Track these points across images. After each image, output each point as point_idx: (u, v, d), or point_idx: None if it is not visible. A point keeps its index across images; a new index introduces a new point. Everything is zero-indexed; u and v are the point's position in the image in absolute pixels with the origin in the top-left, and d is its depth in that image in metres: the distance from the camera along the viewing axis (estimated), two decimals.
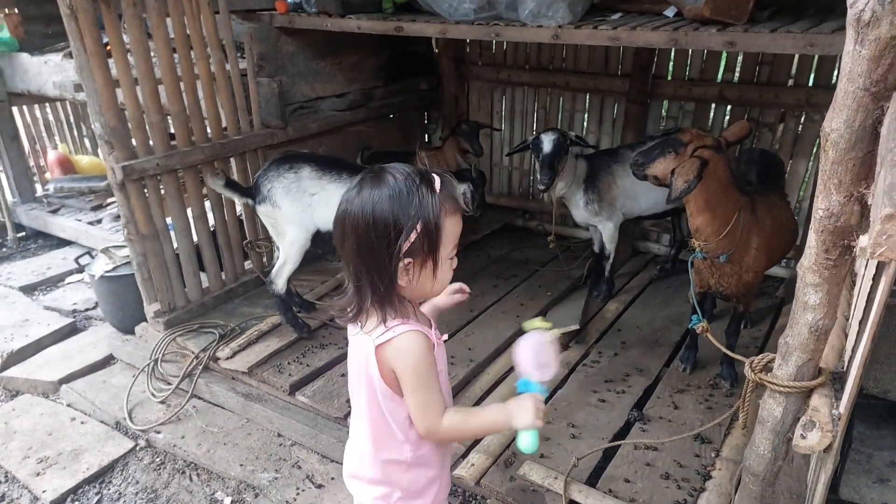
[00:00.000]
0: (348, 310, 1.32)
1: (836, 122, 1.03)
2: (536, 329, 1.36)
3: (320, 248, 3.17)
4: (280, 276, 3.02)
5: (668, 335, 3.25)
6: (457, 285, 1.57)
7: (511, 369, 2.97)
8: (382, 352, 1.28)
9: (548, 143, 3.09)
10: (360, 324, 1.34)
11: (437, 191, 1.24)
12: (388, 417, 1.35)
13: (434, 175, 1.26)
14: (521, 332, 1.38)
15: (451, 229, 1.27)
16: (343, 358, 3.02)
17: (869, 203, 1.00)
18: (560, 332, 3.19)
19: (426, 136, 4.89)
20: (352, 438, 1.48)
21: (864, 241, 0.80)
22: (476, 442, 2.47)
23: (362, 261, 1.25)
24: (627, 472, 2.32)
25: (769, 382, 1.45)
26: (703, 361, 2.94)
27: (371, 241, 1.22)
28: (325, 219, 2.98)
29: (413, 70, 4.46)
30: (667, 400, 2.73)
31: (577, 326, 3.13)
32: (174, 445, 2.64)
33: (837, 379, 1.45)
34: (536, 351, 1.32)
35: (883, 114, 0.97)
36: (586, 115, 4.23)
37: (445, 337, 1.40)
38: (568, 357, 3.06)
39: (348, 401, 2.67)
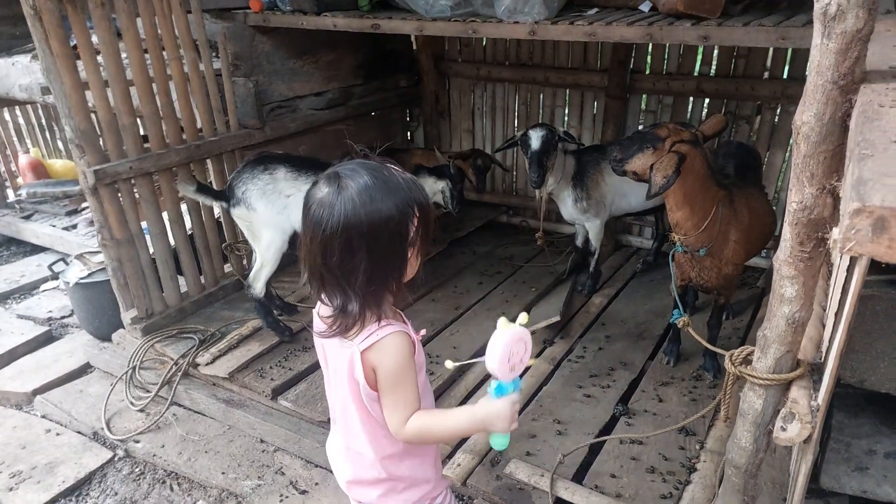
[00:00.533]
0: (340, 324, 1.24)
1: (807, 116, 1.02)
2: (506, 327, 1.25)
3: (298, 250, 3.13)
4: (258, 280, 2.98)
5: (651, 328, 3.27)
6: None
7: None
8: (367, 355, 1.25)
9: (536, 139, 3.04)
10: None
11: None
12: (375, 418, 1.33)
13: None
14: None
15: None
16: None
17: (840, 195, 1.00)
18: (543, 325, 3.18)
19: (408, 133, 4.86)
20: (340, 445, 1.44)
21: (836, 233, 0.80)
22: (462, 442, 2.46)
23: (379, 266, 1.18)
24: (613, 468, 2.32)
25: (749, 375, 1.46)
26: (687, 354, 2.96)
27: (388, 241, 1.17)
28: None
29: (392, 67, 4.43)
30: (651, 393, 2.74)
31: (558, 318, 3.12)
32: (154, 455, 2.60)
33: (816, 370, 1.46)
34: (510, 350, 1.22)
35: (851, 107, 0.97)
36: (566, 111, 4.23)
37: (423, 332, 1.37)
38: (553, 353, 3.06)
39: None
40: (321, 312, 1.34)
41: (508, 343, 1.21)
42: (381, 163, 1.23)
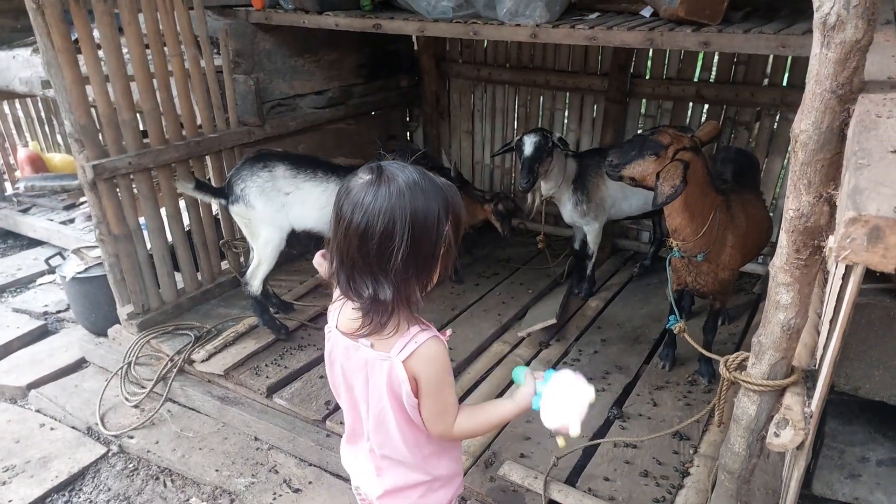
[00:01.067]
0: (372, 319, 1.23)
1: (805, 124, 1.03)
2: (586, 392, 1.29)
3: (295, 248, 3.13)
4: (255, 278, 2.98)
5: (647, 332, 3.27)
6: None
7: (491, 368, 2.96)
8: (408, 364, 1.25)
9: (529, 145, 3.06)
10: (366, 341, 1.28)
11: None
12: (417, 422, 1.34)
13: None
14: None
15: None
16: (322, 359, 2.94)
17: (837, 204, 1.00)
18: (539, 327, 3.18)
19: (408, 133, 4.87)
20: (370, 460, 1.42)
21: (832, 241, 0.81)
22: None
23: (414, 255, 1.18)
24: (607, 471, 2.33)
25: (743, 381, 1.46)
26: (682, 358, 2.97)
27: (425, 233, 1.17)
28: (300, 218, 2.95)
29: (393, 68, 4.43)
30: (646, 397, 2.75)
31: (554, 320, 3.13)
32: (148, 451, 2.59)
33: (810, 376, 1.47)
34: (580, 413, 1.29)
35: (849, 116, 0.97)
36: (566, 114, 4.24)
37: (449, 332, 1.38)
38: (548, 355, 3.06)
39: (327, 403, 2.66)
40: (347, 316, 1.30)
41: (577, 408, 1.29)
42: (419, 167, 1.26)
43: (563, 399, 1.29)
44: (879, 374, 1.56)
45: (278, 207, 2.90)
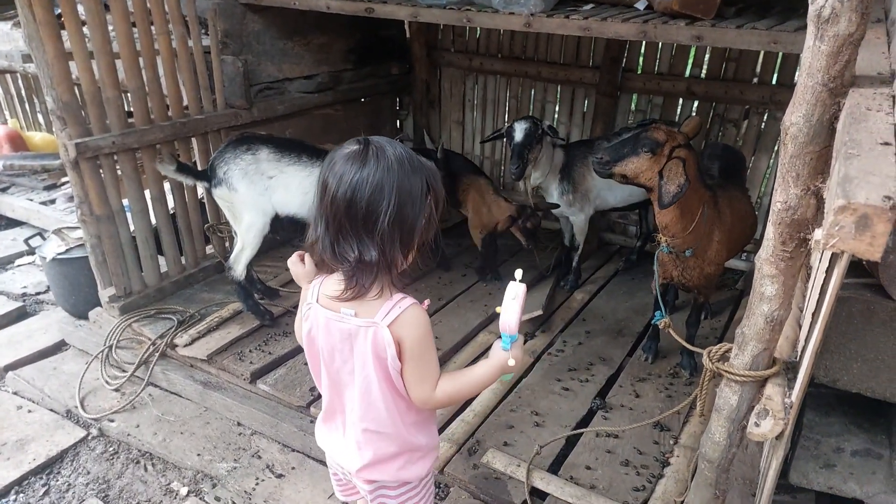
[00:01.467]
0: (357, 282, 1.28)
1: (796, 117, 1.04)
2: (514, 284, 1.36)
3: (279, 234, 3.10)
4: (239, 262, 2.95)
5: (631, 325, 3.30)
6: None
7: (477, 358, 2.97)
8: (393, 329, 1.29)
9: (519, 132, 3.06)
10: (349, 310, 1.31)
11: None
12: (399, 389, 1.37)
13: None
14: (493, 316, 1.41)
15: None
16: None
17: (824, 197, 1.01)
18: (525, 318, 3.20)
19: (397, 121, 4.84)
20: (351, 433, 1.44)
21: (818, 234, 0.81)
22: (440, 430, 2.46)
23: (398, 222, 1.23)
24: (589, 460, 2.35)
25: (726, 372, 1.48)
26: (665, 351, 3.00)
27: (409, 202, 1.23)
28: (283, 202, 2.91)
29: (384, 54, 4.39)
30: (628, 388, 2.78)
31: (540, 312, 3.14)
32: (128, 434, 2.57)
33: (791, 368, 1.49)
34: (521, 307, 1.35)
35: (839, 109, 0.98)
36: (557, 106, 4.24)
37: (428, 302, 1.42)
38: (534, 346, 3.08)
39: (311, 389, 2.65)
40: (329, 287, 1.34)
41: (522, 301, 1.34)
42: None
43: (509, 306, 1.35)
44: (857, 366, 1.59)
45: (261, 191, 2.86)
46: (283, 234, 3.12)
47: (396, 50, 4.49)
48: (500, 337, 1.41)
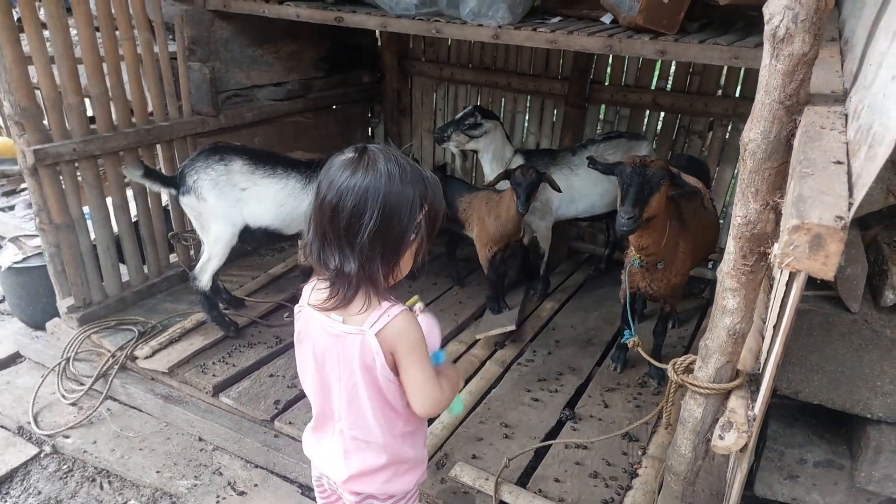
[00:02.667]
0: (338, 296, 1.26)
1: (754, 133, 1.05)
2: (414, 305, 1.42)
3: (249, 244, 3.04)
4: (204, 273, 2.88)
5: (600, 334, 3.32)
6: None
7: None
8: (382, 338, 1.27)
9: (461, 113, 3.35)
10: (338, 316, 1.29)
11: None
12: (388, 399, 1.35)
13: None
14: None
15: None
16: (272, 357, 2.92)
17: (783, 212, 1.02)
18: (497, 332, 3.21)
19: (369, 129, 4.81)
20: (339, 442, 1.42)
21: (777, 248, 0.82)
22: None
23: (381, 235, 1.21)
24: (557, 472, 2.34)
25: (690, 384, 1.49)
26: (633, 360, 3.02)
27: (395, 215, 1.21)
28: (256, 214, 2.86)
29: (356, 63, 4.38)
30: (597, 399, 2.78)
31: (513, 327, 3.15)
32: (84, 451, 2.47)
33: (754, 380, 1.50)
34: (437, 324, 1.40)
35: (796, 127, 0.99)
36: (527, 116, 4.27)
37: (419, 307, 1.43)
38: (503, 356, 3.07)
39: (276, 402, 2.60)
40: (319, 290, 1.33)
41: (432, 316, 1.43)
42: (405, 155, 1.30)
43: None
44: (818, 378, 1.62)
45: (232, 203, 2.81)
46: (254, 244, 3.07)
47: (368, 58, 4.48)
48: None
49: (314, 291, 1.35)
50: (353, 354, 1.29)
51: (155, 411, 2.69)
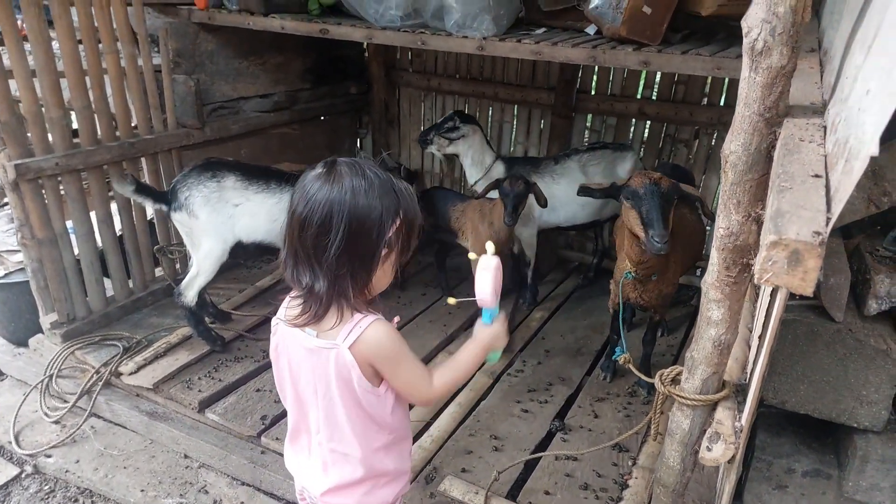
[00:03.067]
0: (310, 313, 1.25)
1: (735, 145, 1.05)
2: (490, 259, 1.36)
3: (242, 258, 3.03)
4: (191, 288, 2.85)
5: (590, 343, 3.32)
6: None
7: None
8: (356, 350, 1.26)
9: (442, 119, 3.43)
10: (311, 330, 1.28)
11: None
12: (367, 411, 1.33)
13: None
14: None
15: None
16: (259, 372, 2.88)
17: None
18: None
19: (358, 140, 4.80)
20: (317, 455, 1.41)
21: (756, 263, 0.82)
22: None
23: (349, 251, 1.19)
24: (548, 484, 2.33)
25: (677, 395, 1.48)
26: (622, 370, 3.01)
27: (363, 230, 1.19)
28: (249, 229, 2.85)
29: (342, 73, 4.37)
30: (587, 409, 2.77)
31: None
32: (66, 471, 2.43)
33: (741, 391, 1.50)
34: (495, 278, 1.35)
35: (776, 139, 1.00)
36: (514, 126, 4.28)
37: (397, 319, 1.41)
38: (493, 366, 3.05)
39: (263, 418, 2.57)
40: (289, 312, 1.32)
41: (496, 273, 1.35)
42: (382, 166, 1.28)
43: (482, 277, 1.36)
44: (804, 388, 1.62)
45: (224, 219, 2.80)
46: (247, 257, 3.05)
47: (354, 69, 4.48)
48: (480, 314, 1.41)
49: (288, 307, 1.34)
50: (329, 369, 1.28)
51: (140, 428, 2.64)
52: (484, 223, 3.15)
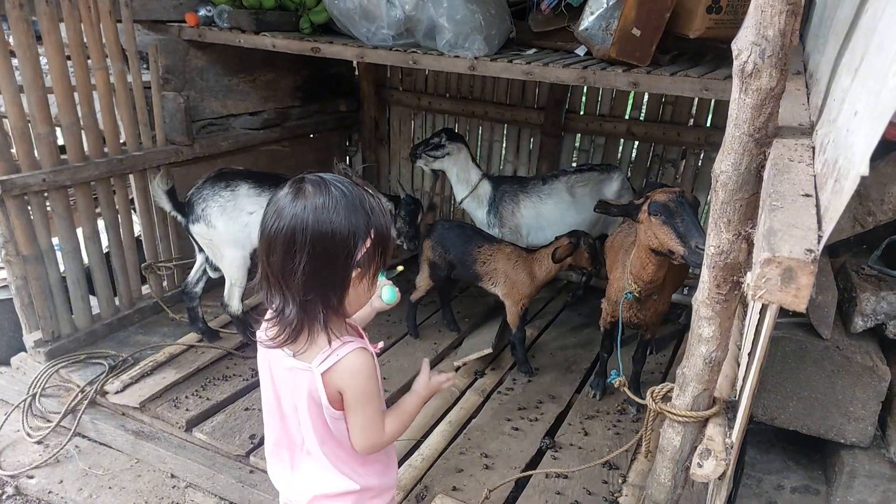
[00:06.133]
0: (283, 335, 1.23)
1: (725, 165, 1.07)
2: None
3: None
4: (233, 298, 2.98)
5: (579, 361, 3.32)
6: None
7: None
8: (328, 377, 1.24)
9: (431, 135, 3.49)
10: (289, 350, 1.27)
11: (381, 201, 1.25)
12: (337, 437, 1.32)
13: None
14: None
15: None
16: (248, 390, 2.85)
17: (754, 242, 1.04)
18: (475, 356, 3.19)
19: (347, 158, 4.82)
20: (301, 465, 1.39)
21: (749, 278, 0.83)
22: None
23: (316, 275, 1.16)
24: (538, 502, 2.31)
25: (668, 412, 1.49)
26: (612, 387, 3.01)
27: (330, 253, 1.15)
28: None
29: (333, 91, 4.40)
30: (577, 427, 2.77)
31: (489, 350, 3.14)
32: (49, 492, 2.37)
33: (731, 407, 1.51)
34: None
35: (765, 158, 1.02)
36: (504, 145, 4.32)
37: (381, 345, 1.39)
38: (483, 384, 3.04)
39: (251, 437, 2.53)
40: (267, 333, 1.30)
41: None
42: (355, 182, 1.23)
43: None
44: (793, 404, 1.63)
45: (241, 227, 2.85)
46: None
47: (345, 87, 4.51)
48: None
49: (267, 328, 1.31)
50: (303, 390, 1.27)
51: (125, 448, 2.60)
52: (522, 274, 3.04)
